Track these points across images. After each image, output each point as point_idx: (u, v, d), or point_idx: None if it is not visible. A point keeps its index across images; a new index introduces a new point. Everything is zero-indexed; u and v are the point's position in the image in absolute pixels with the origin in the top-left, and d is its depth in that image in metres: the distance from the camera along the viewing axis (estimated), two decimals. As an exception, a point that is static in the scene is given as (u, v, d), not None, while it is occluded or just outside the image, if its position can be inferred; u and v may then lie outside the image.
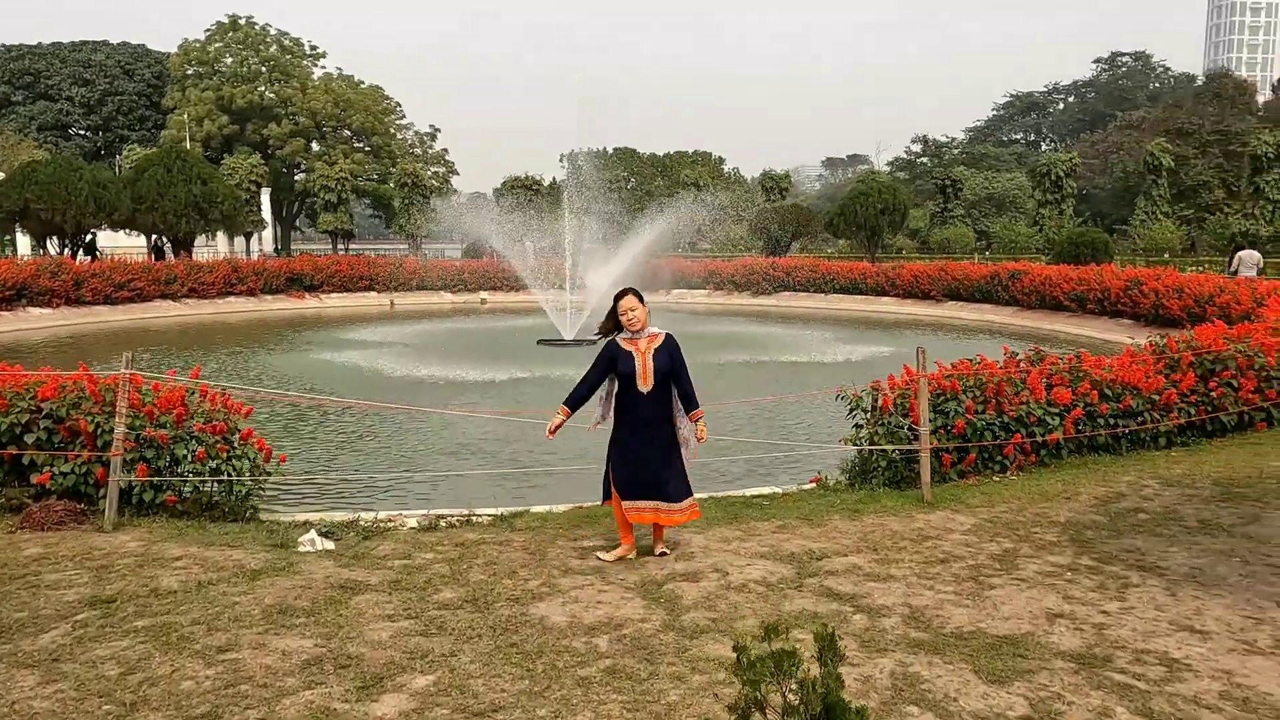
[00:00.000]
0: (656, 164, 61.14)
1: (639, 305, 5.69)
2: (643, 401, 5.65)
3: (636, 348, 5.66)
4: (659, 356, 5.65)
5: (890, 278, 32.72)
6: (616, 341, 5.74)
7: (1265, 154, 41.07)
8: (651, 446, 5.70)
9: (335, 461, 9.90)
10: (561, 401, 5.79)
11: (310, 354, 19.26)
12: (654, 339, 5.71)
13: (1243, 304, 18.08)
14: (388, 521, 7.07)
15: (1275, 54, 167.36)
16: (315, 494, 8.60)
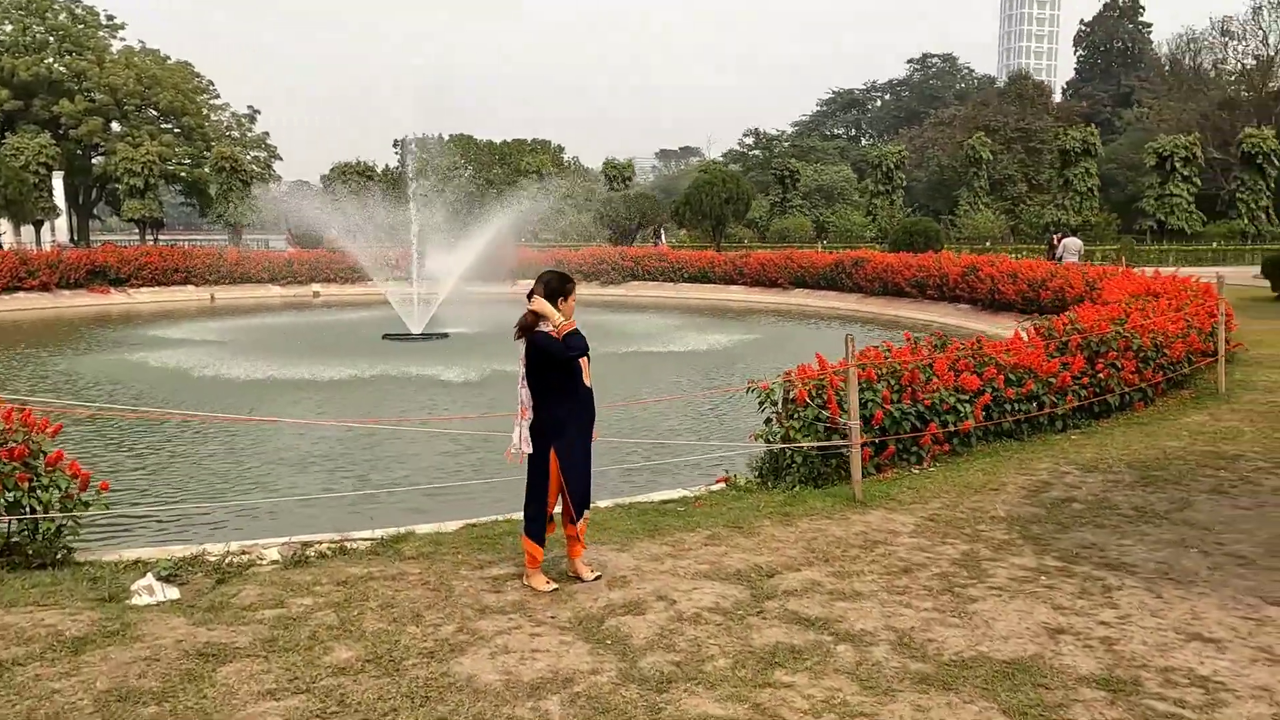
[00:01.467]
0: (494, 151, 59.44)
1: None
2: (585, 402, 4.93)
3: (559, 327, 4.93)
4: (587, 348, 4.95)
5: (738, 266, 32.91)
6: (549, 335, 4.88)
7: (1073, 149, 44.35)
8: (589, 453, 5.00)
9: (166, 483, 8.45)
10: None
11: (124, 355, 17.00)
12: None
13: (1076, 288, 18.98)
14: (242, 555, 5.89)
15: (1059, 60, 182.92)
16: (146, 525, 7.21)
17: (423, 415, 11.13)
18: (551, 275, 4.97)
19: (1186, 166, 42.61)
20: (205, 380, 13.90)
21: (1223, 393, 10.22)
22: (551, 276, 4.96)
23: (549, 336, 4.82)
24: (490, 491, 7.97)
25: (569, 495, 4.94)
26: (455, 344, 18.96)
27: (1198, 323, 11.03)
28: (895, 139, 78.21)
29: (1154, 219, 42.14)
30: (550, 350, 4.79)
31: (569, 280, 4.95)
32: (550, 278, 4.95)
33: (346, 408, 11.81)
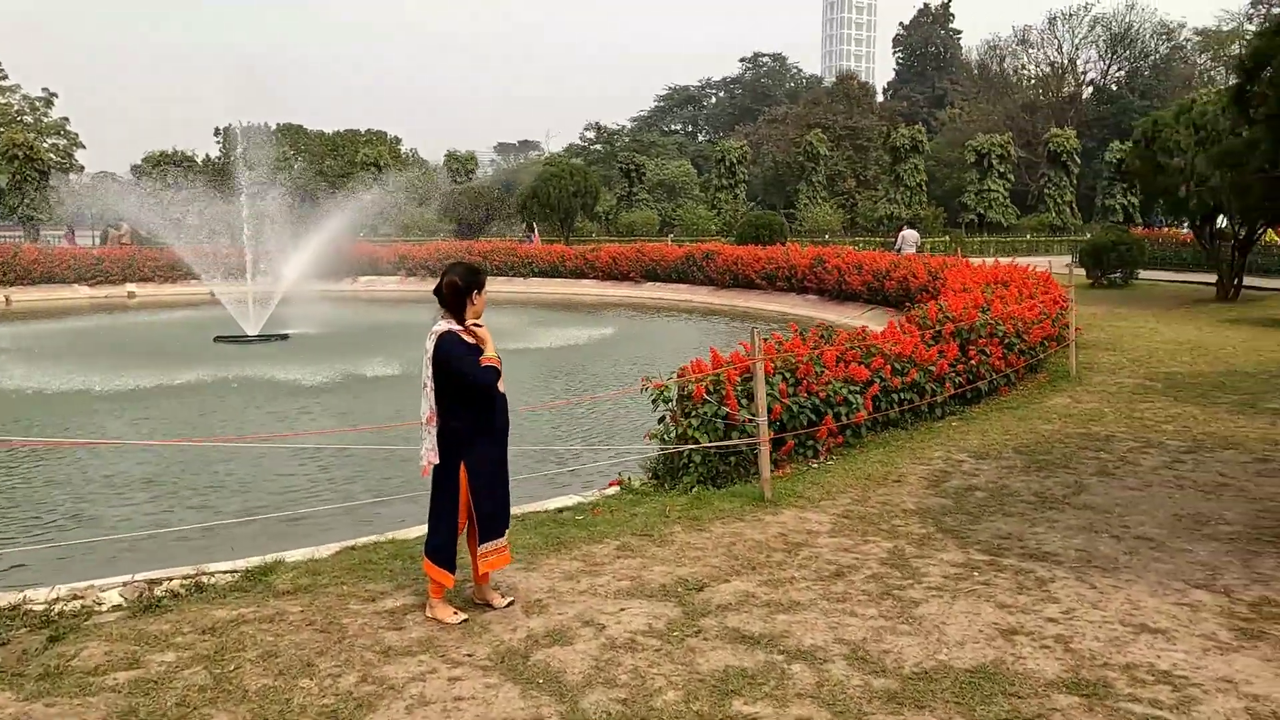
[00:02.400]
0: (326, 142, 56.55)
1: None
2: (499, 409, 4.42)
3: (483, 340, 4.37)
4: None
5: (589, 260, 32.60)
6: (458, 335, 4.30)
7: (903, 146, 46.66)
8: (505, 466, 4.50)
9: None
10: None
11: None
12: (484, 326, 4.44)
13: (919, 278, 19.74)
14: (74, 601, 5.03)
15: (876, 63, 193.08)
16: None
17: (272, 429, 10.14)
18: (460, 269, 4.38)
19: (1002, 164, 45.75)
20: (12, 394, 12.21)
21: (1074, 375, 10.73)
22: (461, 271, 4.38)
23: (458, 343, 4.26)
24: (357, 510, 7.29)
25: (477, 516, 4.41)
26: (297, 345, 17.67)
27: (1048, 309, 11.57)
28: (732, 135, 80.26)
29: (975, 212, 45.06)
30: (454, 367, 4.25)
31: (479, 272, 4.39)
32: (460, 272, 4.37)
33: (179, 422, 10.60)
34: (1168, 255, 29.02)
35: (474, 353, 4.28)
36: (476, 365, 4.23)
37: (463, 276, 4.31)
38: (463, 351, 4.26)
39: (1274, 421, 8.18)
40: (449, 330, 4.29)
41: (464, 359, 4.23)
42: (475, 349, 4.29)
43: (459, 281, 4.30)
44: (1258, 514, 5.61)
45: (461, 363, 4.22)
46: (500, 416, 4.38)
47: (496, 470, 4.40)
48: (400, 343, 16.97)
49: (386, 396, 11.82)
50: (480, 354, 4.28)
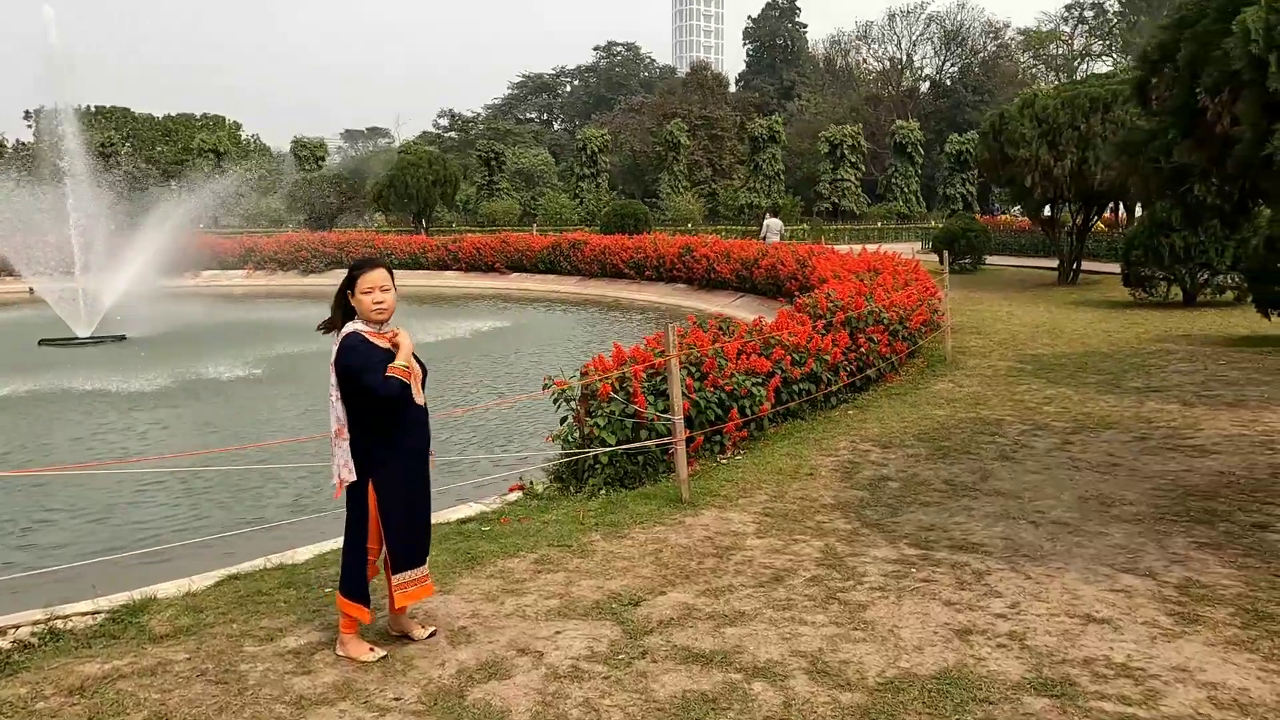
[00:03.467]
0: (158, 127, 52.57)
1: (391, 285, 3.92)
2: (416, 422, 3.94)
3: (388, 344, 3.89)
4: (416, 356, 3.98)
5: (451, 250, 31.70)
6: (363, 337, 3.85)
7: (761, 135, 47.62)
8: (424, 488, 4.04)
9: None
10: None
11: None
12: (399, 332, 3.97)
13: (788, 266, 20.08)
14: None
15: (725, 55, 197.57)
16: None
17: (115, 449, 9.17)
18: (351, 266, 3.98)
19: (853, 154, 47.51)
20: None
21: (950, 360, 11.07)
22: (351, 267, 3.97)
23: (358, 346, 3.80)
24: (233, 539, 6.62)
25: (388, 542, 3.96)
26: (136, 348, 16.27)
27: (922, 296, 11.90)
28: (589, 124, 79.93)
29: (829, 201, 46.61)
30: (350, 373, 3.79)
31: (358, 265, 3.93)
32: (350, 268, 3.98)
33: (13, 437, 9.45)
34: (1009, 242, 30.81)
35: (377, 358, 3.81)
36: (376, 373, 3.76)
37: (353, 274, 3.90)
38: (361, 356, 3.77)
39: (1140, 400, 8.64)
40: (353, 331, 3.84)
41: (362, 366, 3.75)
42: (383, 354, 3.82)
43: (348, 280, 3.90)
44: (1154, 493, 5.83)
45: (359, 370, 3.76)
46: (413, 433, 3.93)
47: (411, 491, 3.95)
48: (252, 341, 15.90)
49: (247, 403, 10.95)
50: (391, 353, 3.82)
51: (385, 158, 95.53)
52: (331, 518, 6.49)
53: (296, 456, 8.20)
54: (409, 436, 3.91)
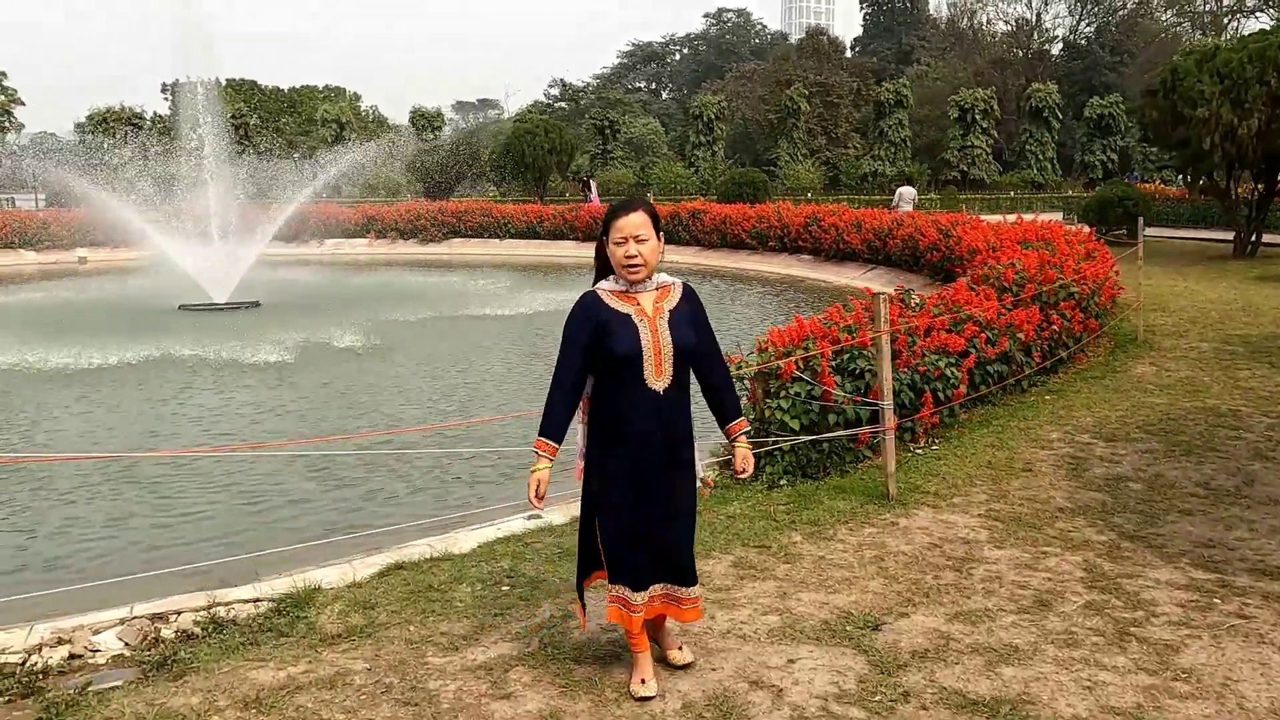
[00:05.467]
0: (283, 99, 54.07)
1: (651, 233, 3.10)
2: (653, 407, 3.10)
3: (638, 308, 3.13)
4: (679, 324, 3.14)
5: (569, 220, 31.33)
6: (599, 297, 3.17)
7: (887, 101, 45.65)
8: (666, 488, 3.18)
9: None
10: (538, 434, 3.16)
11: None
12: (665, 293, 3.20)
13: (928, 236, 18.85)
14: (60, 646, 4.01)
15: (837, 20, 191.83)
16: None
17: (258, 417, 8.97)
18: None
19: (985, 119, 45.02)
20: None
21: (1141, 340, 9.92)
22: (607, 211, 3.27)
23: (584, 312, 3.18)
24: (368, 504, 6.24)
25: (602, 541, 3.33)
26: (269, 314, 16.36)
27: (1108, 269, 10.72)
28: (698, 92, 78.54)
29: (958, 169, 44.35)
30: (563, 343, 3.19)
31: (613, 210, 3.18)
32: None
33: (144, 409, 9.29)
34: (1164, 212, 28.47)
35: (620, 327, 3.08)
36: (576, 340, 3.11)
37: (606, 222, 3.18)
38: (577, 322, 3.13)
39: (1396, 390, 7.41)
40: (589, 291, 3.23)
41: (570, 330, 3.13)
42: (624, 322, 3.10)
43: (603, 227, 3.20)
44: None
45: (565, 338, 3.15)
46: (654, 420, 3.11)
47: (644, 497, 3.15)
48: (384, 308, 15.75)
49: (375, 375, 10.63)
50: (633, 334, 3.09)
51: (495, 128, 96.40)
52: (452, 506, 6.04)
53: (434, 442, 7.80)
54: (639, 425, 3.11)
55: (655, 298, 3.17)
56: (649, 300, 3.16)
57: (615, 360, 3.08)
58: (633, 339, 3.07)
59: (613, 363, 3.09)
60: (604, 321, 3.10)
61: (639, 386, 3.09)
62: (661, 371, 3.10)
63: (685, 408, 3.22)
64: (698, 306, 3.25)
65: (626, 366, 3.07)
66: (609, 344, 3.07)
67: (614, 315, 3.11)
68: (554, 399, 3.16)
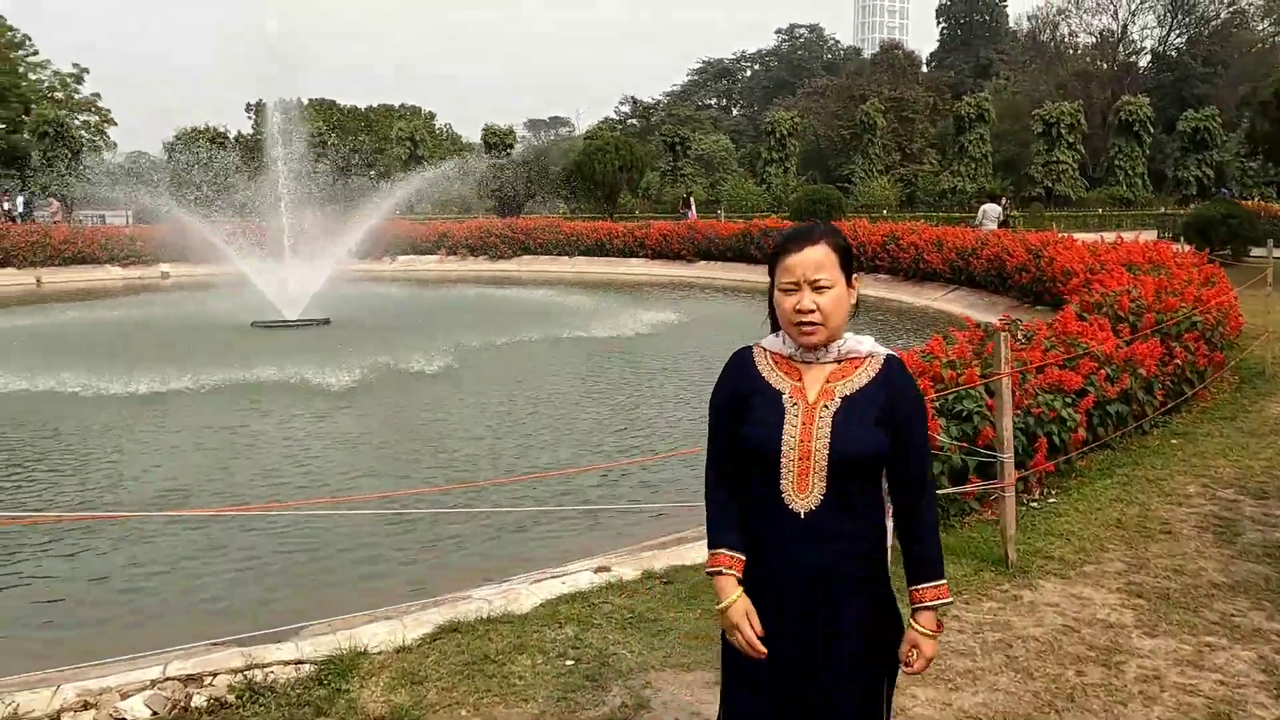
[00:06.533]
0: (360, 118, 55.11)
1: (836, 276, 2.13)
2: (789, 538, 2.12)
3: (797, 385, 2.16)
4: (852, 418, 2.11)
5: (638, 238, 31.01)
6: (751, 358, 2.25)
7: (968, 115, 44.35)
8: (809, 675, 2.13)
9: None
10: (708, 543, 2.25)
11: None
12: (849, 368, 2.17)
13: (1016, 255, 17.91)
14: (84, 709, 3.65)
15: (911, 35, 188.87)
16: None
17: (334, 454, 8.65)
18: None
19: (1071, 133, 43.35)
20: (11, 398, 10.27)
21: (1270, 374, 8.98)
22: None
23: (734, 374, 2.25)
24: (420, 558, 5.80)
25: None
26: (339, 332, 16.24)
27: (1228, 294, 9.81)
28: (768, 109, 77.71)
29: (1041, 185, 42.77)
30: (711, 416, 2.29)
31: (780, 244, 2.23)
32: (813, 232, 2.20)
33: (221, 419, 9.11)
34: (1272, 230, 26.78)
35: (764, 404, 2.15)
36: (722, 411, 2.24)
37: (774, 255, 2.22)
38: (721, 386, 2.26)
39: None
40: (746, 348, 2.29)
41: (716, 400, 2.27)
42: (771, 400, 2.15)
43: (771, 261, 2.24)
44: None
45: (712, 409, 2.28)
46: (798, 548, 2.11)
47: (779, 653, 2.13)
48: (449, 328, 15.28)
49: (441, 402, 10.22)
50: (777, 418, 2.12)
51: (565, 145, 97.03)
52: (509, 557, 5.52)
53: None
54: (779, 554, 2.13)
55: (829, 374, 2.14)
56: (818, 377, 2.14)
57: (746, 455, 2.16)
58: (771, 430, 2.11)
59: (745, 459, 2.16)
60: (746, 394, 2.18)
61: (773, 502, 2.10)
62: (806, 486, 2.08)
63: (850, 545, 2.11)
64: (902, 397, 2.13)
65: (759, 468, 2.12)
66: (742, 430, 2.16)
67: (761, 388, 2.16)
68: (713, 493, 2.25)
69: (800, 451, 2.08)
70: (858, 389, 2.12)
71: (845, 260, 2.14)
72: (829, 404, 2.10)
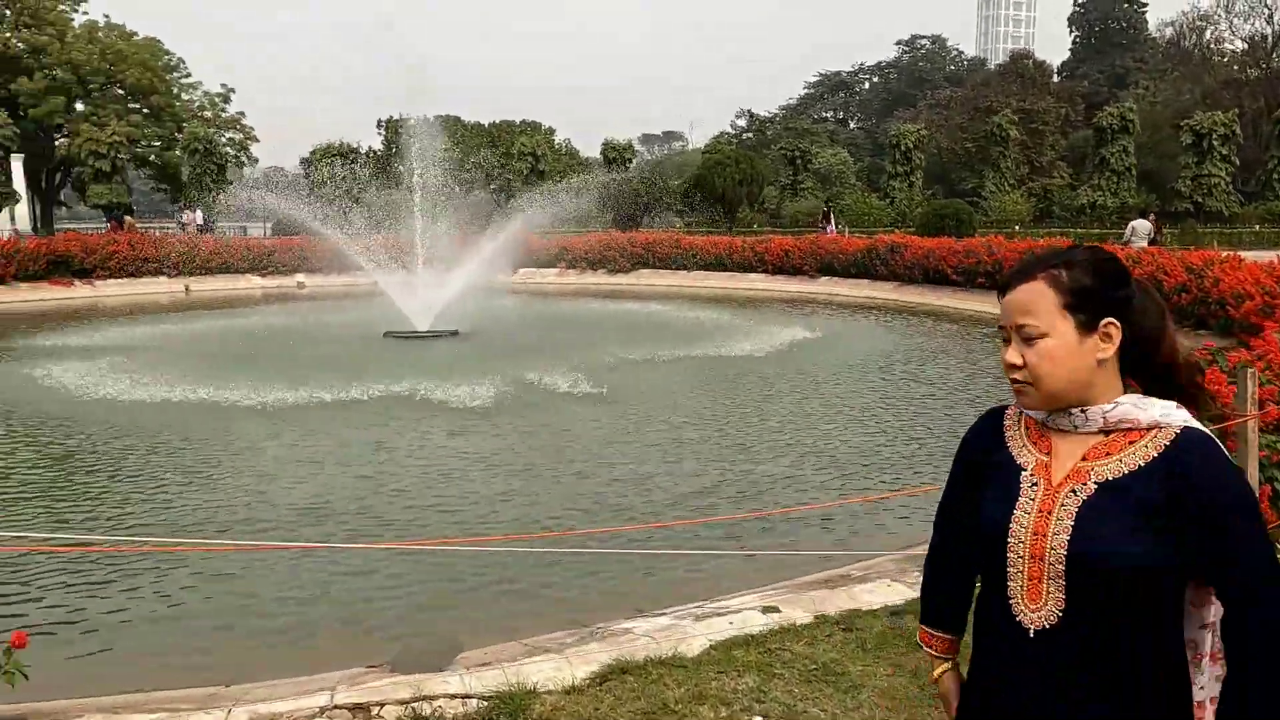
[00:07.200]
0: (484, 133, 56.56)
1: (1054, 321, 1.59)
2: (1016, 660, 1.59)
3: (1044, 460, 1.64)
4: (1110, 509, 1.53)
5: (758, 252, 30.66)
6: (1000, 423, 1.76)
7: (1110, 126, 42.28)
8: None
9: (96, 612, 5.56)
10: (919, 620, 1.95)
11: (44, 366, 13.30)
12: (1119, 441, 1.58)
13: (1174, 275, 16.75)
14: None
15: (1037, 44, 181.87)
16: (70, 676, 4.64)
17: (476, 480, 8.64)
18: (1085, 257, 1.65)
19: (1225, 145, 40.71)
20: (150, 408, 10.43)
21: None
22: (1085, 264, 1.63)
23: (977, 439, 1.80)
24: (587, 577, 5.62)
25: None
26: (469, 344, 16.50)
27: None
28: (886, 121, 75.87)
29: (1190, 200, 40.25)
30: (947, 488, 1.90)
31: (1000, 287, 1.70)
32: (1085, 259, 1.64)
33: (355, 437, 9.23)
34: None
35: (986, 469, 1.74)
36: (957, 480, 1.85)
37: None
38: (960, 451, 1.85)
39: None
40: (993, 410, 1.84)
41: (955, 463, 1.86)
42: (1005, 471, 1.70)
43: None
44: None
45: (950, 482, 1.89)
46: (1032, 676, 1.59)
47: None
48: (589, 344, 15.11)
49: (584, 430, 10.05)
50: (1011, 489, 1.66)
51: (679, 160, 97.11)
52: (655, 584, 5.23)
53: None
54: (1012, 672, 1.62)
55: (1089, 449, 1.60)
56: (1073, 451, 1.62)
57: (974, 541, 1.71)
58: (1000, 516, 1.64)
59: (973, 545, 1.72)
60: (983, 465, 1.74)
61: (1000, 610, 1.63)
62: (1039, 595, 1.57)
63: (1107, 688, 1.53)
64: (1194, 488, 1.50)
65: (986, 561, 1.67)
66: (976, 515, 1.71)
67: (1002, 460, 1.70)
68: (932, 561, 1.93)
69: (1032, 548, 1.56)
70: (1124, 472, 1.54)
71: (1082, 299, 1.57)
72: (1078, 489, 1.56)
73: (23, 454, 8.66)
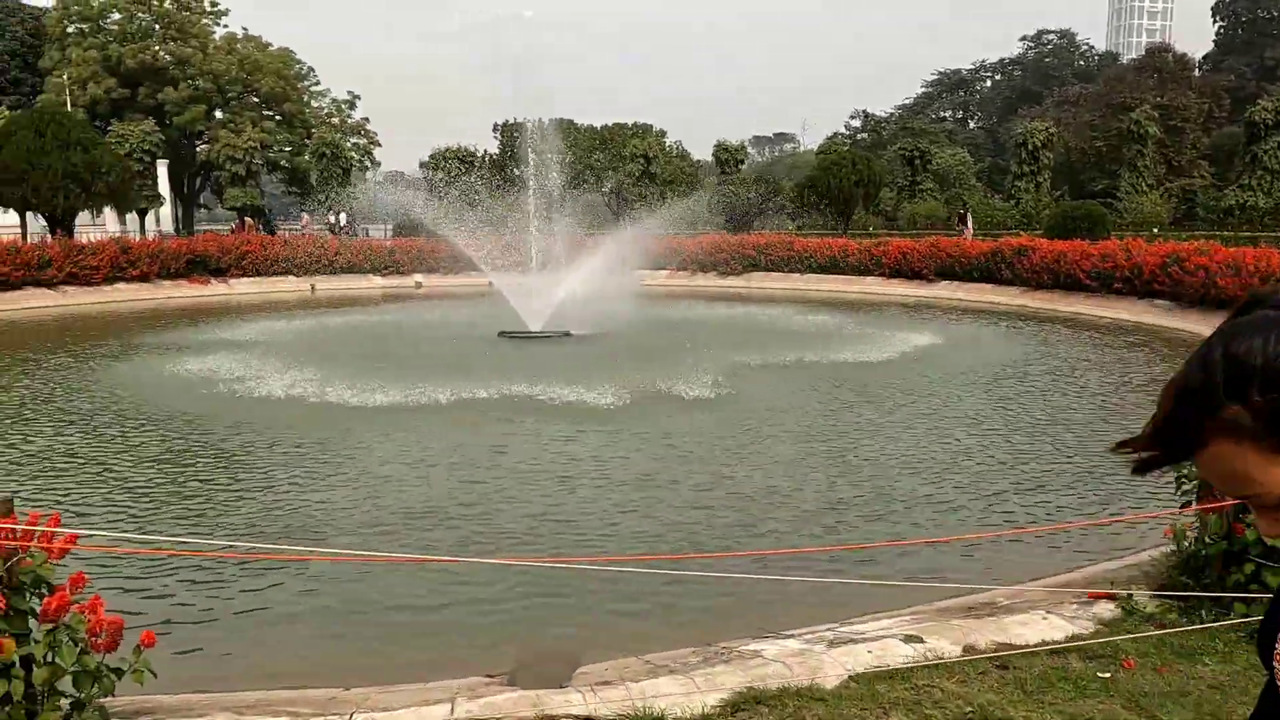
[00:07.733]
0: (596, 136, 57.07)
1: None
2: None
3: None
4: None
5: (874, 255, 29.74)
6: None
7: (1264, 121, 39.44)
8: None
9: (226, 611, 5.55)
10: None
11: (176, 362, 13.86)
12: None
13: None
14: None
15: (1174, 37, 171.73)
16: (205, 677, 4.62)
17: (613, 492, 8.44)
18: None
19: (1399, 141, 37.45)
20: (272, 404, 10.65)
21: None
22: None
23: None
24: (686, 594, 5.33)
25: None
26: (583, 346, 16.45)
27: None
28: (1011, 119, 72.83)
29: (1355, 202, 37.20)
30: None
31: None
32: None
33: (469, 444, 9.08)
34: None
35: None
36: None
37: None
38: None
39: None
40: None
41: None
42: None
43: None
44: None
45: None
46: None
47: None
48: (704, 347, 14.67)
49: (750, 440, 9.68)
50: None
51: (790, 161, 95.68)
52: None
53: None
54: None
55: None
56: None
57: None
58: None
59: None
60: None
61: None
62: None
63: None
64: None
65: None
66: None
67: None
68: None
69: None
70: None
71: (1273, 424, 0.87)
72: None
73: (151, 449, 8.90)
